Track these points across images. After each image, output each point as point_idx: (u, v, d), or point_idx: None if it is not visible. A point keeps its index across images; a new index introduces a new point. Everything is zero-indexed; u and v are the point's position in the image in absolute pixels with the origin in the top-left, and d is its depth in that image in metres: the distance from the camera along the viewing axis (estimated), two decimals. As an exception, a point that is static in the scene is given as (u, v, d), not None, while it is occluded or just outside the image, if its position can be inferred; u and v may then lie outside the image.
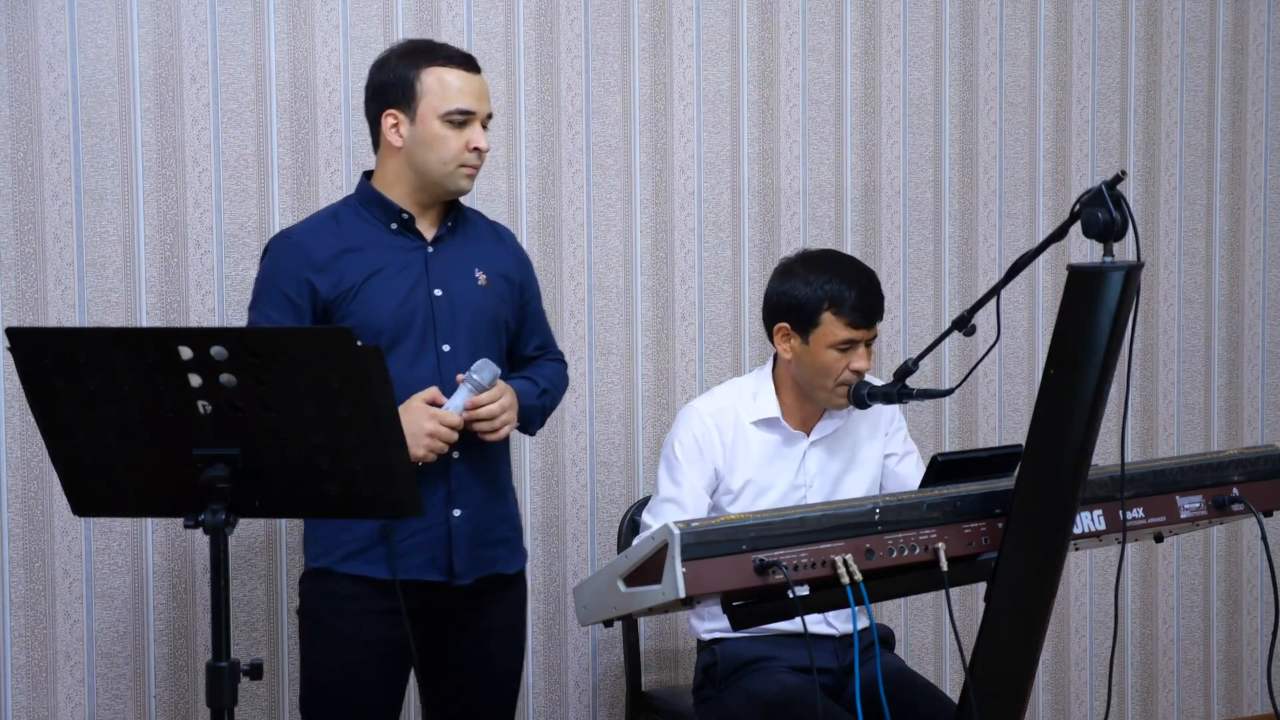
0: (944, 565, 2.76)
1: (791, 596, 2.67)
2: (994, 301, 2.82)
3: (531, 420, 3.16)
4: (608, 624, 2.95)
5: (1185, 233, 4.60)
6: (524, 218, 3.82)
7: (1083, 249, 4.32)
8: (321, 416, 2.40)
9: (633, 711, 3.76)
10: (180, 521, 2.48)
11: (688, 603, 2.72)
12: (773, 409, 3.40)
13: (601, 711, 3.97)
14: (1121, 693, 4.59)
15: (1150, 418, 4.58)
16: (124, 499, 2.55)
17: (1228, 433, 4.68)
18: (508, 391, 3.01)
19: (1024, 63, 4.37)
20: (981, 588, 2.82)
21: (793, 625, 2.96)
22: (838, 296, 3.28)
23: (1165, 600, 4.63)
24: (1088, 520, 2.89)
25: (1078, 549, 2.98)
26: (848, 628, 3.36)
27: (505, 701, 3.19)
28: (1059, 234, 2.71)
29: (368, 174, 3.10)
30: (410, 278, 3.02)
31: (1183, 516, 3.01)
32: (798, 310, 3.32)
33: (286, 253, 3.03)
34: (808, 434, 3.42)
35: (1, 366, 3.38)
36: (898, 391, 3.05)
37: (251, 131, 3.57)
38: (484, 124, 3.05)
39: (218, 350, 2.36)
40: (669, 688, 3.89)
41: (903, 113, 4.22)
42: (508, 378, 3.09)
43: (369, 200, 3.06)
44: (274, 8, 3.58)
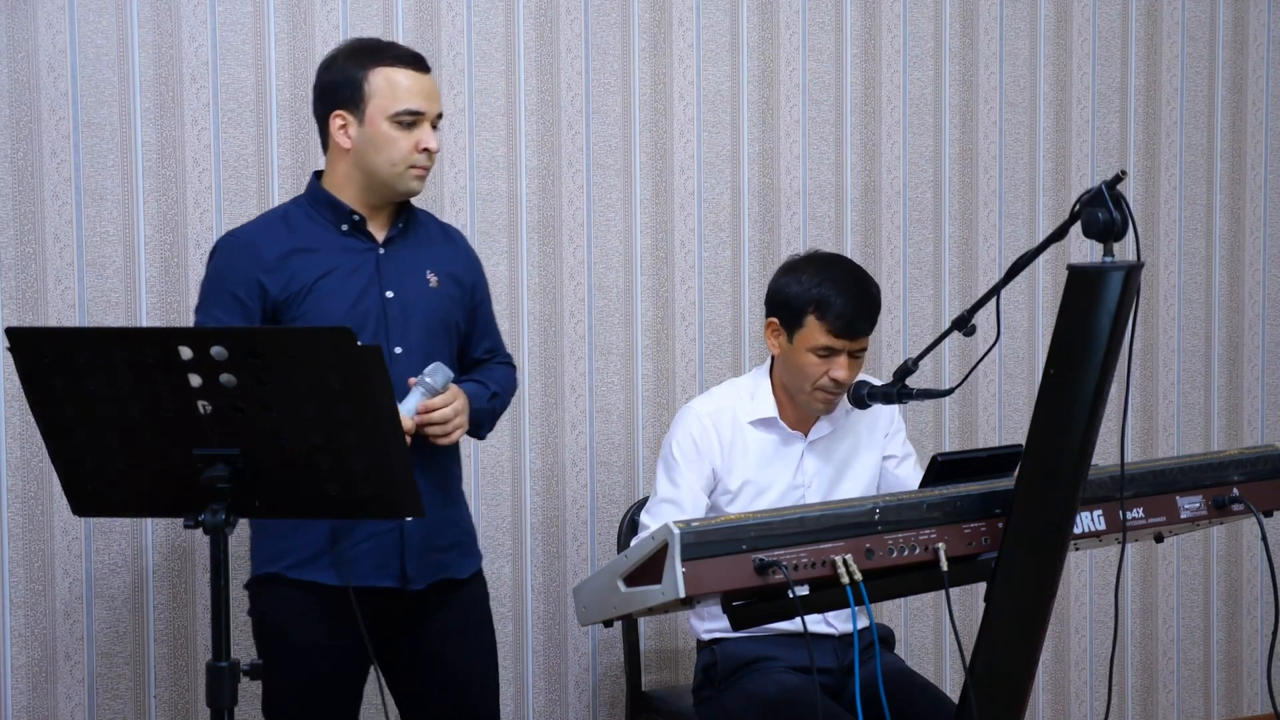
0: (944, 565, 2.76)
1: (791, 596, 2.67)
2: (994, 301, 2.82)
3: (481, 424, 3.12)
4: (608, 624, 2.95)
5: (1185, 233, 4.60)
6: (524, 218, 3.83)
7: (1083, 249, 4.32)
8: (321, 416, 2.40)
9: (633, 711, 3.76)
10: (180, 521, 2.48)
11: (688, 603, 2.72)
12: (770, 409, 3.40)
13: (601, 711, 3.97)
14: (1121, 693, 4.59)
15: (1150, 418, 4.58)
16: (124, 499, 2.55)
17: (1228, 433, 4.68)
18: (460, 395, 2.98)
19: (1024, 63, 4.37)
20: (981, 588, 2.82)
21: (792, 625, 2.97)
22: (824, 301, 3.26)
23: (1165, 600, 4.63)
24: (1088, 520, 2.89)
25: (1078, 549, 2.98)
26: (847, 627, 3.35)
27: (485, 703, 3.16)
28: (1059, 234, 2.71)
29: (318, 174, 3.06)
30: (362, 280, 2.98)
31: (1183, 516, 3.01)
32: (786, 307, 3.31)
33: (235, 252, 2.98)
34: (805, 434, 3.41)
35: (1, 366, 3.38)
36: (898, 391, 3.04)
37: (251, 131, 3.57)
38: (434, 124, 3.00)
39: (218, 350, 2.36)
40: (669, 688, 3.89)
41: (903, 113, 4.22)
42: (458, 381, 3.06)
43: (319, 201, 3.02)
44: (274, 8, 3.58)
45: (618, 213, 3.92)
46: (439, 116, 3.02)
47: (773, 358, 3.42)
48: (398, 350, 2.99)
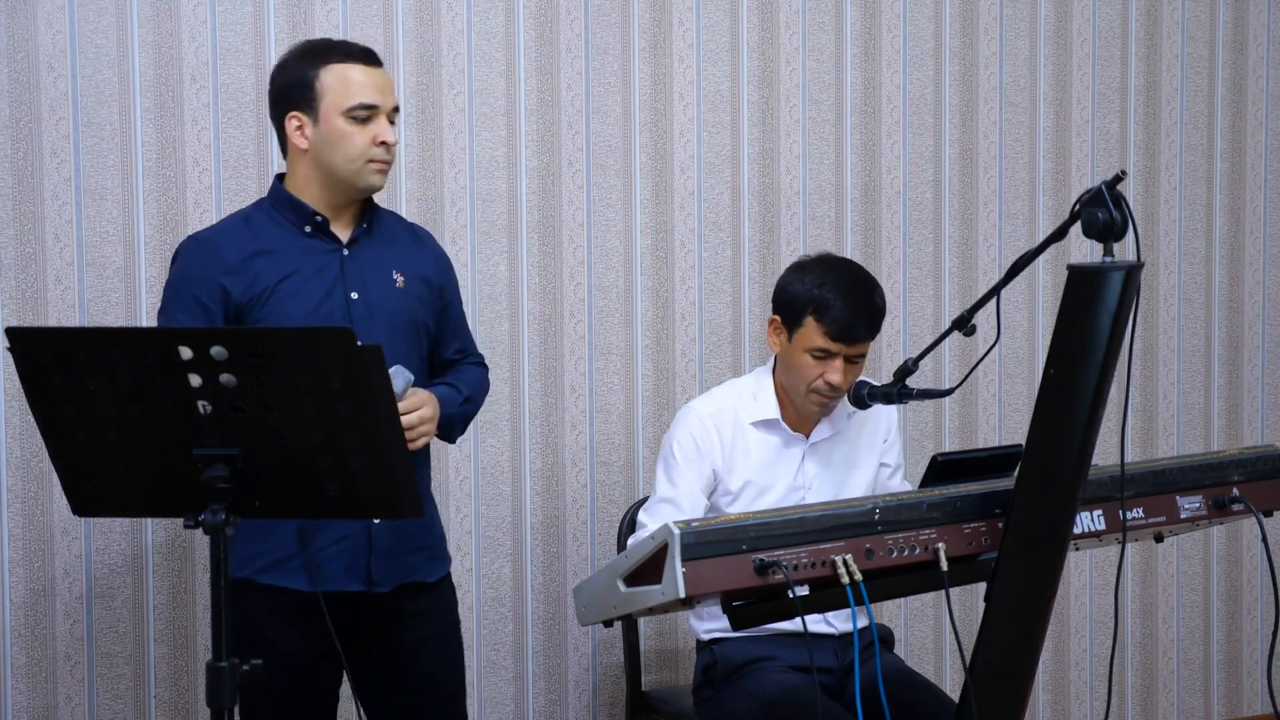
0: (944, 565, 2.76)
1: (791, 596, 2.67)
2: (994, 301, 2.82)
3: (453, 427, 3.11)
4: (608, 624, 2.95)
5: (1185, 233, 4.60)
6: (524, 218, 3.83)
7: (1083, 249, 4.32)
8: (321, 416, 2.40)
9: (633, 711, 3.76)
10: (180, 521, 2.48)
11: (688, 603, 2.72)
12: (772, 410, 3.39)
13: (601, 711, 3.97)
14: (1121, 693, 4.59)
15: (1150, 418, 4.58)
16: (124, 499, 2.55)
17: (1228, 433, 4.68)
18: (429, 402, 2.95)
19: (1024, 63, 4.37)
20: (981, 588, 2.82)
21: (792, 625, 2.96)
22: (823, 303, 3.27)
23: (1165, 600, 4.63)
24: (1088, 520, 2.89)
25: (1078, 549, 2.98)
26: (847, 627, 3.35)
27: (451, 709, 3.15)
28: (1059, 234, 2.71)
29: (280, 176, 3.05)
30: (326, 281, 2.97)
31: (1183, 516, 3.01)
32: (788, 306, 3.32)
33: (197, 255, 2.97)
34: (807, 436, 3.41)
35: (1, 366, 3.38)
36: (898, 391, 3.04)
37: (251, 131, 3.57)
38: (390, 118, 2.98)
39: (218, 350, 2.36)
40: (669, 688, 3.89)
41: (903, 113, 4.22)
42: (431, 384, 3.06)
43: (281, 203, 3.00)
44: (274, 8, 3.58)
45: (618, 213, 3.92)
46: (395, 110, 3.00)
47: (775, 357, 3.42)
48: None
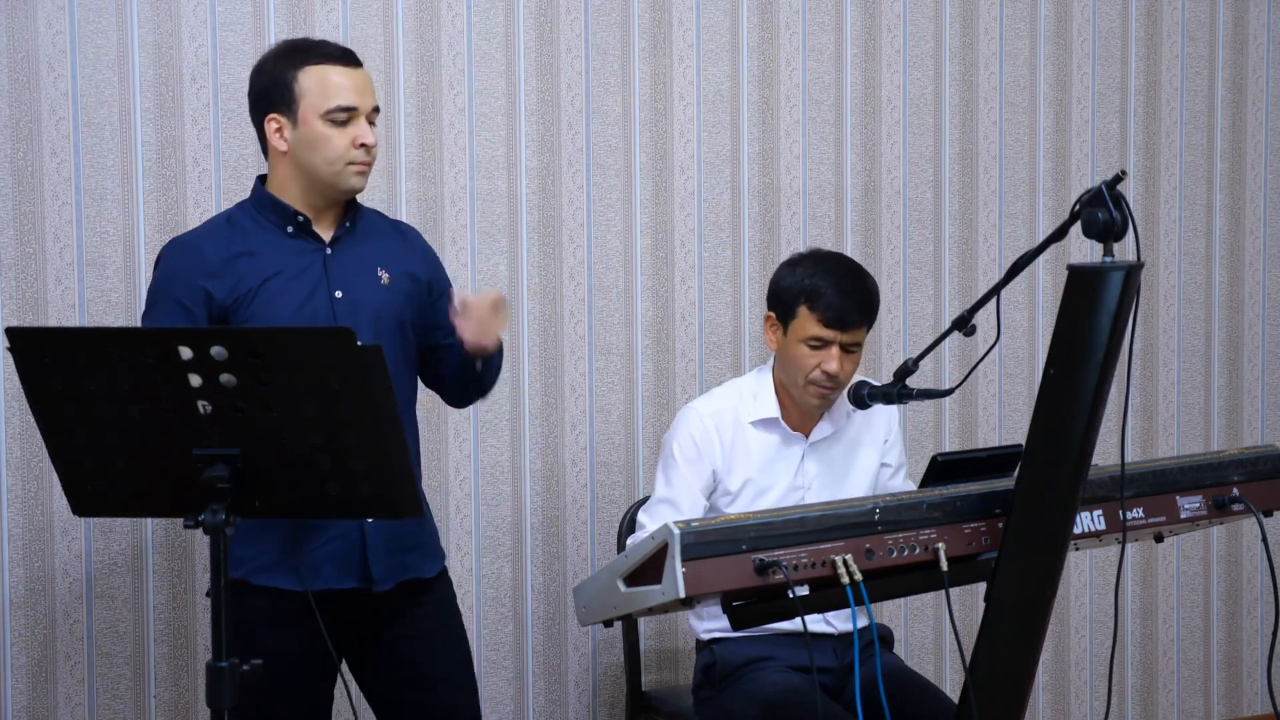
0: (944, 565, 2.76)
1: (791, 596, 2.67)
2: (994, 301, 2.82)
3: (496, 371, 3.12)
4: (608, 624, 2.95)
5: (1185, 233, 4.60)
6: (524, 218, 3.82)
7: (1083, 249, 4.32)
8: (321, 416, 2.40)
9: (633, 711, 3.76)
10: (180, 521, 2.48)
11: (688, 603, 2.72)
12: (772, 409, 3.40)
13: (601, 711, 3.97)
14: (1121, 693, 4.59)
15: (1150, 418, 4.58)
16: (124, 499, 2.55)
17: (1228, 433, 4.68)
18: (506, 311, 2.98)
19: (1024, 63, 4.37)
20: (981, 588, 2.82)
21: (792, 625, 2.96)
22: (815, 291, 3.28)
23: (1165, 600, 4.63)
24: (1088, 520, 2.89)
25: (1078, 549, 2.98)
26: (847, 627, 3.35)
27: (463, 701, 3.14)
28: (1059, 234, 2.71)
29: (262, 178, 3.04)
30: (309, 281, 2.96)
31: (1183, 516, 3.01)
32: (781, 299, 3.33)
33: (180, 258, 2.96)
34: (807, 435, 3.41)
35: (1, 366, 3.38)
36: (898, 391, 3.04)
37: (251, 131, 3.54)
38: (370, 119, 2.97)
39: (218, 350, 2.36)
40: (669, 688, 3.89)
41: (903, 113, 4.22)
42: (441, 378, 3.13)
43: (263, 204, 2.99)
44: (274, 8, 3.58)
45: (618, 213, 3.92)
46: (375, 110, 2.99)
47: (774, 355, 3.42)
48: None
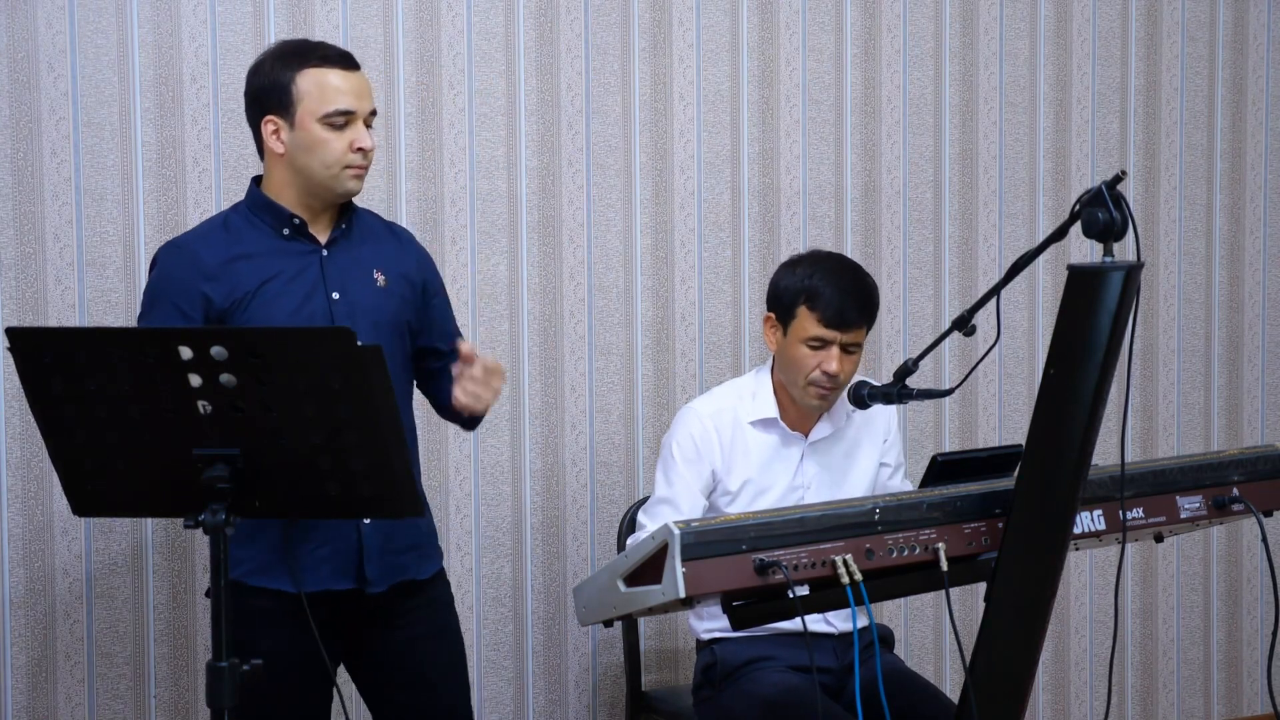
0: (944, 565, 2.76)
1: (791, 596, 2.67)
2: (994, 301, 2.82)
3: (478, 422, 3.14)
4: (608, 624, 2.95)
5: (1185, 233, 4.60)
6: (524, 218, 3.82)
7: (1083, 249, 4.32)
8: (321, 416, 2.40)
9: (633, 711, 3.76)
10: (180, 521, 2.48)
11: (688, 603, 2.72)
12: (771, 409, 3.40)
13: (601, 711, 3.97)
14: (1121, 693, 4.59)
15: (1150, 418, 4.58)
16: (124, 499, 2.55)
17: (1228, 433, 4.68)
18: (501, 375, 2.98)
19: (1024, 63, 4.37)
20: (981, 588, 2.81)
21: (792, 625, 2.96)
22: (814, 291, 3.28)
23: (1165, 600, 4.63)
24: (1088, 520, 2.89)
25: (1078, 549, 2.98)
26: (847, 626, 3.35)
27: (456, 703, 3.14)
28: (1059, 234, 2.71)
29: (257, 179, 3.03)
30: (306, 283, 2.95)
31: (1183, 516, 3.01)
32: (780, 300, 3.34)
33: (176, 261, 2.95)
34: (806, 435, 3.41)
35: (1, 366, 3.38)
36: (898, 391, 3.04)
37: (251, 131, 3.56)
38: (367, 122, 2.96)
39: (218, 350, 2.36)
40: (669, 688, 3.89)
41: (903, 113, 4.22)
42: (428, 387, 3.13)
43: (258, 206, 2.98)
44: (274, 8, 3.58)
45: (618, 213, 3.92)
46: (373, 114, 2.98)
47: (773, 356, 3.42)
48: None
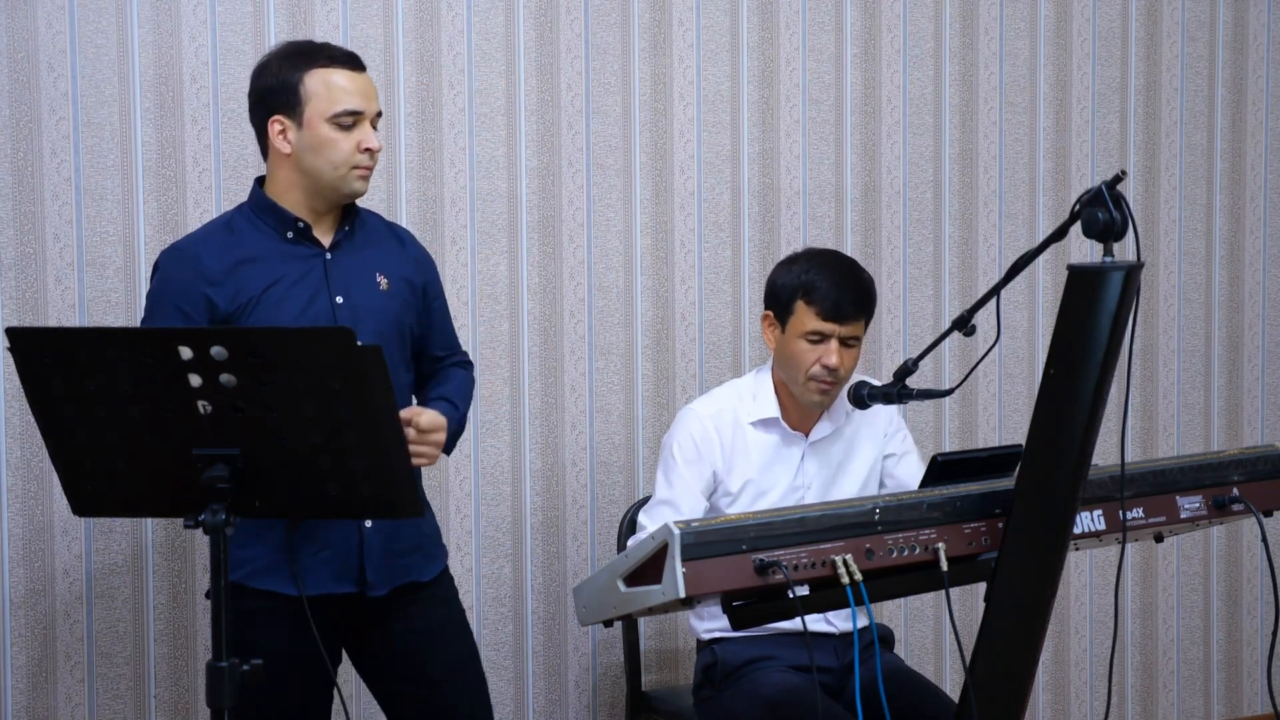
0: (944, 565, 2.76)
1: (791, 596, 2.67)
2: (994, 301, 2.82)
3: (450, 445, 3.10)
4: (608, 624, 2.94)
5: (1185, 233, 4.60)
6: (524, 218, 3.83)
7: (1083, 249, 4.32)
8: (321, 416, 2.40)
9: (633, 711, 3.76)
10: (180, 521, 2.48)
11: (688, 603, 2.72)
12: (772, 409, 3.40)
13: (601, 711, 3.97)
14: (1121, 693, 4.59)
15: (1150, 418, 4.58)
16: (124, 499, 2.55)
17: (1228, 433, 4.68)
18: (439, 429, 2.94)
19: (1024, 63, 4.37)
20: (981, 588, 2.82)
21: (792, 625, 2.96)
22: (811, 285, 3.29)
23: (1165, 600, 4.63)
24: (1088, 520, 2.89)
25: (1078, 549, 2.98)
26: (848, 626, 3.36)
27: (473, 697, 3.13)
28: (1059, 234, 2.71)
29: (260, 180, 3.02)
30: (310, 286, 2.95)
31: (1183, 516, 3.01)
32: (777, 297, 3.34)
33: (179, 266, 2.94)
34: (806, 435, 3.42)
35: (1, 366, 3.38)
36: (898, 391, 3.04)
37: (252, 132, 3.56)
38: (373, 123, 2.97)
39: (218, 350, 2.36)
40: (669, 688, 3.89)
41: (903, 113, 4.22)
42: (430, 401, 3.07)
43: (262, 208, 2.98)
44: (274, 8, 3.58)
45: (618, 213, 3.92)
46: (378, 115, 2.99)
47: (773, 355, 3.42)
48: None
